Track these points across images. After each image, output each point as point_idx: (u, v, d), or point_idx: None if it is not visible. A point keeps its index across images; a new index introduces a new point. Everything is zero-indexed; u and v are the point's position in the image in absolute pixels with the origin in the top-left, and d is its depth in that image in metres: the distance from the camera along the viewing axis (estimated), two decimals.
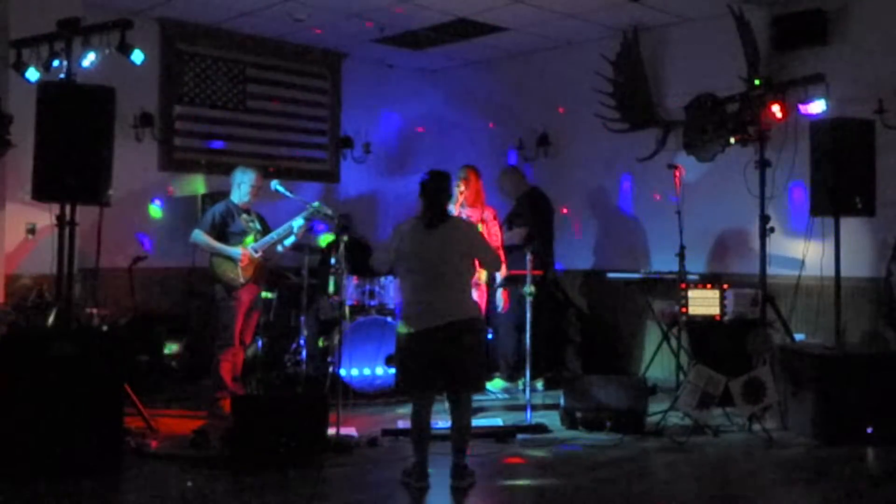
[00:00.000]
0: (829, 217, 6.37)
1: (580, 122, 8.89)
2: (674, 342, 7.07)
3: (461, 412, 5.03)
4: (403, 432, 5.92)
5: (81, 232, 5.57)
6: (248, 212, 6.92)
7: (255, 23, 8.32)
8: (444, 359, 4.93)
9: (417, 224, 5.09)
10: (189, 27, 8.39)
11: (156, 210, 8.26)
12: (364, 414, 6.72)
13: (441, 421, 5.49)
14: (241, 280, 6.69)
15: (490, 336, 7.96)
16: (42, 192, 5.38)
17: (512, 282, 7.25)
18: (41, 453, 4.93)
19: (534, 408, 6.46)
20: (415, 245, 5.03)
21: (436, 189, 5.12)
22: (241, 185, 6.87)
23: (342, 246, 6.15)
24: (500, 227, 7.46)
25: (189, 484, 4.93)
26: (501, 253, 6.96)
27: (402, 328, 5.05)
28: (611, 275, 8.04)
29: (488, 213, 7.26)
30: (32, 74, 6.26)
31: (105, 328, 6.60)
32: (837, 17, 7.19)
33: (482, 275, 6.78)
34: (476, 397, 7.14)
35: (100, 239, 5.83)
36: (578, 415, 6.33)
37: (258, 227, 6.91)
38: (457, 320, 4.93)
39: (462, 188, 7.03)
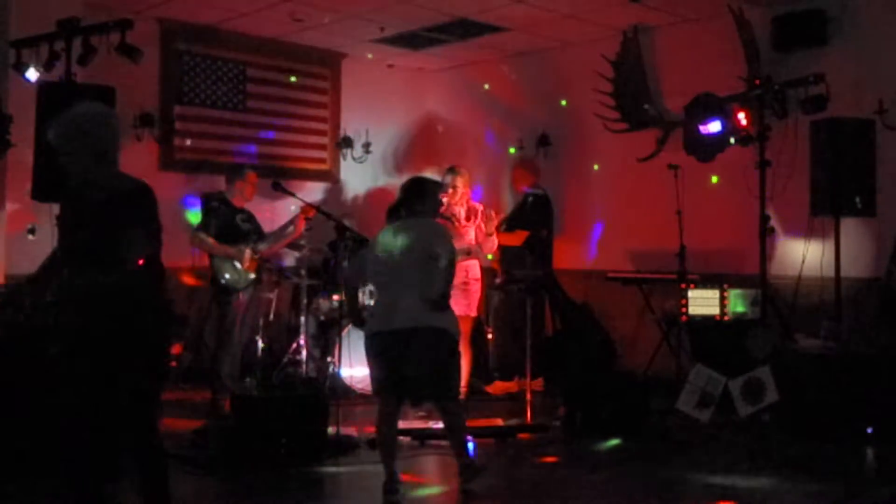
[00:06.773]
0: (829, 217, 6.36)
1: (580, 122, 8.89)
2: (674, 342, 7.07)
3: (446, 417, 4.86)
4: (403, 433, 5.92)
5: None
6: (243, 211, 6.91)
7: (255, 23, 8.32)
8: (401, 365, 4.68)
9: (388, 226, 4.98)
10: (189, 27, 8.38)
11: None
12: (364, 414, 6.71)
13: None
14: (243, 281, 6.68)
15: (490, 336, 7.97)
16: (42, 192, 5.38)
17: (511, 282, 7.25)
18: (41, 453, 4.92)
19: (534, 408, 6.45)
20: (383, 245, 4.88)
21: (409, 191, 5.03)
22: (238, 185, 6.86)
23: (343, 246, 6.15)
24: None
25: None
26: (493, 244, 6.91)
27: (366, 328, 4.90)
28: (611, 275, 8.04)
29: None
30: (32, 74, 6.26)
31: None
32: (837, 17, 7.19)
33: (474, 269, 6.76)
34: (476, 398, 7.19)
35: None
36: (578, 415, 6.33)
37: (252, 226, 6.91)
38: (419, 327, 4.67)
39: (460, 186, 6.99)
